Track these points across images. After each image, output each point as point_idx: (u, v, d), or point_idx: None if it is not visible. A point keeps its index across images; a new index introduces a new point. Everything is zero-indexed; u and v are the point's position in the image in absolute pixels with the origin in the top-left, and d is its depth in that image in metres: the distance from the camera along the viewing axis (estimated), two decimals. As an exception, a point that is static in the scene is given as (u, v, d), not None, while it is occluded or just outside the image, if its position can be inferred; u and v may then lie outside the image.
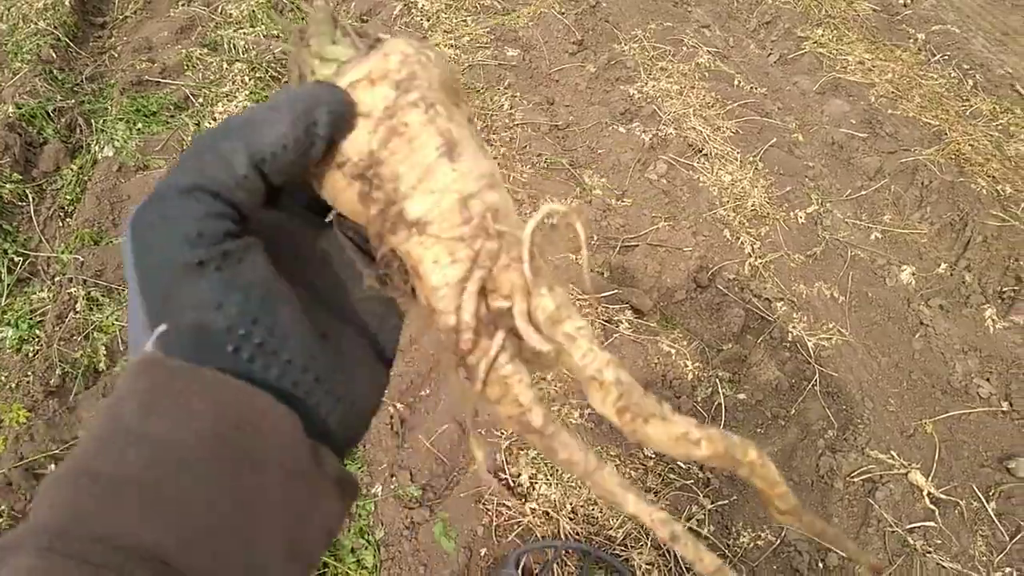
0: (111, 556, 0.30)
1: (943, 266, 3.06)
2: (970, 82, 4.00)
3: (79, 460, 0.33)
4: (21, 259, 2.79)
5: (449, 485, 2.26)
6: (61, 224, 2.96)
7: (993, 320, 2.87)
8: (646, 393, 0.44)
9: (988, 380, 2.69)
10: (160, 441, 0.34)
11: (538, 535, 2.16)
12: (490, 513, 2.20)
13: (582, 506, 2.23)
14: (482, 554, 2.11)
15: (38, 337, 2.54)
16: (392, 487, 2.24)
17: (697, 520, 2.23)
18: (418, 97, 0.43)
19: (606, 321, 2.69)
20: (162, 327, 0.36)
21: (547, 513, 2.21)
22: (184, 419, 0.34)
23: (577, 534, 2.18)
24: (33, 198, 2.99)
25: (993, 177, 3.35)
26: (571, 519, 2.20)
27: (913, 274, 3.03)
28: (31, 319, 2.60)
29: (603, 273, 2.91)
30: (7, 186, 2.94)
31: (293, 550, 0.37)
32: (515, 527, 2.18)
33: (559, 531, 2.18)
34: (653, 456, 2.35)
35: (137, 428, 0.34)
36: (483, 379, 0.44)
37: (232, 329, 0.37)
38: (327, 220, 0.50)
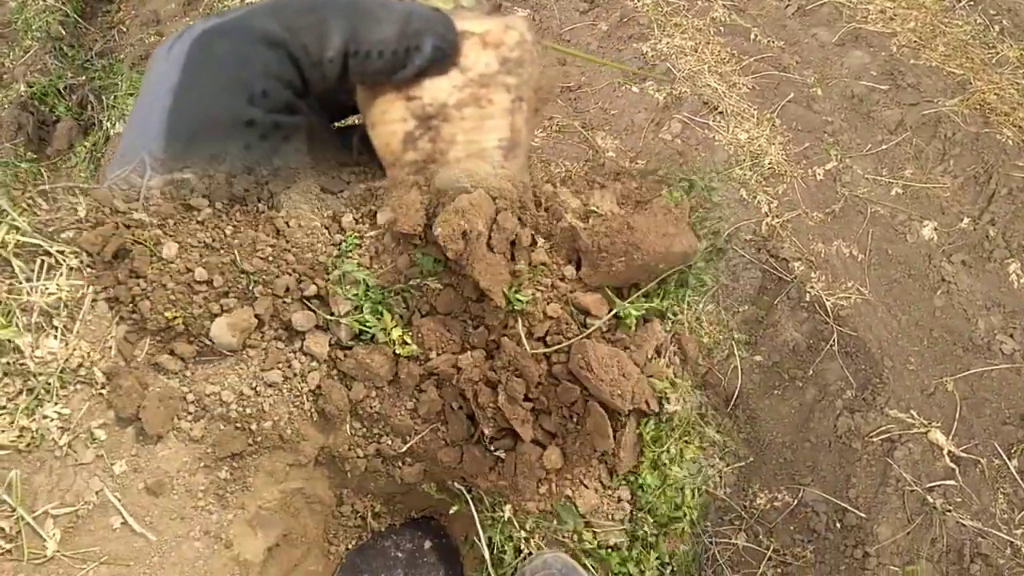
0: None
1: (966, 220, 2.99)
2: (996, 28, 3.85)
3: None
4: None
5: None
6: (77, 202, 2.98)
7: (1017, 275, 2.81)
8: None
9: (1012, 336, 2.63)
10: None
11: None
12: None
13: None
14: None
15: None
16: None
17: (713, 482, 2.24)
18: (515, 83, 0.41)
19: (620, 285, 2.67)
20: (183, 176, 0.35)
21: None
22: None
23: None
24: (48, 176, 3.01)
25: (1020, 127, 3.24)
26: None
27: (935, 229, 2.96)
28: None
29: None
30: (22, 165, 2.97)
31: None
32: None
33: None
34: (669, 420, 2.34)
35: None
36: None
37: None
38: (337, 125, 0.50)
